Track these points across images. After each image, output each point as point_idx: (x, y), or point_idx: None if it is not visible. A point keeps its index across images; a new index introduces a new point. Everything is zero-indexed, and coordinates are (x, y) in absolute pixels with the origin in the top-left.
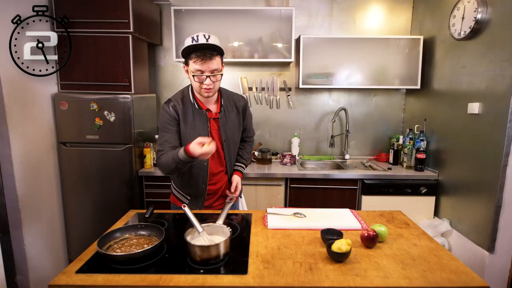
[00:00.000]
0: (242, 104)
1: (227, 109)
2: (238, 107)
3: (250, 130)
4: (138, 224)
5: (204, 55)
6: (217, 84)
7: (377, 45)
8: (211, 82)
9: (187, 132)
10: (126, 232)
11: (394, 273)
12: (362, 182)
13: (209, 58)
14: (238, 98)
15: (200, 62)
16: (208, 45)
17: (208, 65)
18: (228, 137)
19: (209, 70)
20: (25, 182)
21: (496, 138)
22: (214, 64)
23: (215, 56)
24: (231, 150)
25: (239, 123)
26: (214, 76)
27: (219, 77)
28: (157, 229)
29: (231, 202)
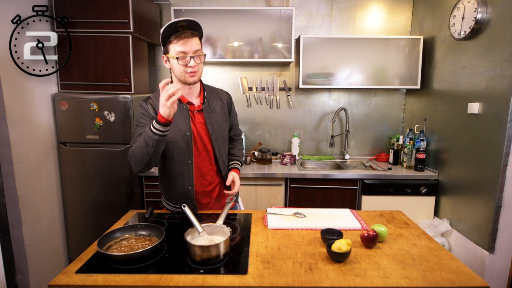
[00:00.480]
0: (226, 97)
1: (211, 101)
2: (222, 100)
3: (237, 127)
4: (138, 224)
5: (186, 34)
6: (201, 66)
7: (377, 45)
8: (196, 63)
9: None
10: (126, 232)
11: (394, 273)
12: (362, 182)
13: (190, 36)
14: (221, 92)
15: (182, 42)
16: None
17: (191, 44)
18: (215, 129)
19: (192, 51)
20: (25, 182)
21: (496, 138)
22: (196, 44)
23: (195, 35)
24: (220, 144)
25: (225, 116)
26: (198, 57)
27: (203, 58)
28: (157, 229)
29: (231, 202)
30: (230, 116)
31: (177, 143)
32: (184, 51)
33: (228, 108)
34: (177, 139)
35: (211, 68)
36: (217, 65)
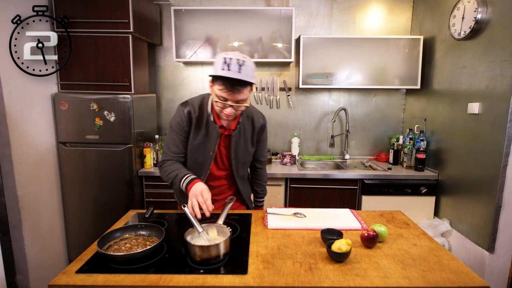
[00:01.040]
0: (260, 124)
1: (244, 128)
2: (255, 127)
3: (264, 153)
4: (138, 224)
5: (233, 88)
6: (239, 112)
7: (377, 45)
8: (234, 111)
9: (194, 143)
10: (126, 232)
11: (394, 273)
12: (362, 182)
13: (237, 90)
14: (257, 118)
15: (226, 92)
16: (241, 80)
17: (235, 96)
18: (238, 156)
19: (234, 100)
20: (25, 182)
21: (496, 138)
22: (241, 95)
23: (244, 87)
24: (239, 168)
25: (252, 143)
26: (238, 106)
27: (243, 108)
28: (157, 229)
29: (231, 202)
30: (258, 142)
31: (199, 159)
32: (226, 98)
33: (258, 137)
34: (199, 156)
35: (211, 68)
36: None
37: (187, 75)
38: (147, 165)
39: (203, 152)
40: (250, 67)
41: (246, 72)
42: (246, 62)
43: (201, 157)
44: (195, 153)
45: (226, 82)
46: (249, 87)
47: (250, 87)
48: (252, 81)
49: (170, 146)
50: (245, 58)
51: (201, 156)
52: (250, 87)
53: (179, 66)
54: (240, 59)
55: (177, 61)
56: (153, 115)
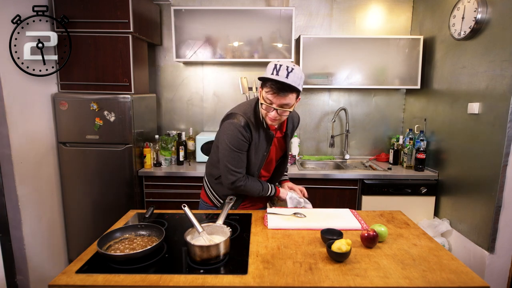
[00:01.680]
0: (297, 121)
1: (289, 129)
2: (294, 124)
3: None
4: (138, 224)
5: (278, 91)
6: (283, 117)
7: (377, 45)
8: (277, 115)
9: (253, 153)
10: (126, 232)
11: (394, 273)
12: (362, 182)
13: (283, 94)
14: (295, 115)
15: (272, 95)
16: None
17: (280, 99)
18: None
19: (278, 104)
20: (25, 182)
21: (496, 138)
22: (287, 100)
23: (289, 92)
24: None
25: (289, 139)
26: (282, 110)
27: (287, 113)
28: (157, 229)
29: (231, 202)
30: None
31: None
32: (272, 101)
33: (294, 129)
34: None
35: (211, 68)
36: (217, 65)
37: (187, 75)
38: (147, 165)
39: (259, 153)
40: (298, 75)
41: (293, 78)
42: (295, 70)
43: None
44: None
45: (274, 85)
46: (295, 93)
47: (297, 94)
48: (299, 88)
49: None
50: (295, 67)
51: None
52: (297, 94)
53: (179, 66)
54: (290, 67)
55: (177, 61)
56: (153, 115)
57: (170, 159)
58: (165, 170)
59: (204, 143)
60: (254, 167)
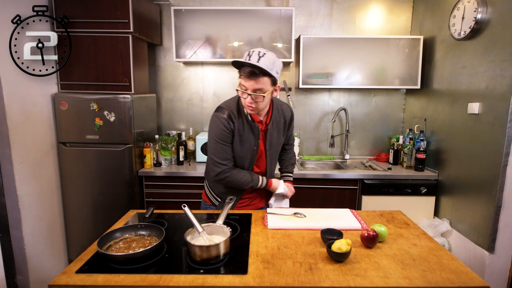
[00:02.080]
0: (289, 115)
1: (276, 121)
2: (285, 118)
3: (292, 137)
4: (138, 224)
5: (249, 74)
6: (260, 104)
7: (377, 45)
8: (252, 100)
9: (238, 145)
10: (126, 232)
11: (394, 273)
12: (362, 182)
13: (254, 76)
14: (286, 109)
15: (245, 79)
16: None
17: (253, 84)
18: (272, 146)
19: (251, 89)
20: (25, 182)
21: (496, 138)
22: (259, 84)
23: (261, 76)
24: (273, 158)
25: (284, 133)
26: (257, 96)
27: (261, 98)
28: (157, 229)
29: (231, 202)
30: (288, 130)
31: (243, 157)
32: (245, 86)
33: (288, 125)
34: (243, 154)
35: (211, 68)
36: (217, 65)
37: (187, 75)
38: (147, 165)
39: (247, 147)
40: (270, 59)
41: (265, 62)
42: (267, 54)
43: (245, 152)
44: (239, 152)
45: (246, 69)
46: (268, 78)
47: (271, 80)
48: (272, 73)
49: (221, 155)
50: (268, 52)
51: (245, 151)
52: (271, 80)
53: (179, 66)
54: (262, 52)
55: (177, 61)
56: (153, 115)
57: (170, 159)
58: (165, 170)
59: (204, 143)
60: (244, 161)
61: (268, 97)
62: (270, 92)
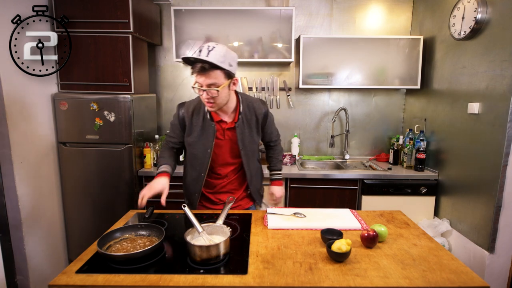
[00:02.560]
0: (262, 112)
1: (246, 118)
2: (257, 115)
3: (273, 133)
4: (138, 224)
5: (200, 70)
6: (217, 99)
7: (377, 45)
8: (208, 96)
9: (191, 140)
10: (126, 232)
11: (394, 273)
12: (362, 182)
13: (204, 71)
14: (258, 106)
15: (197, 75)
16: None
17: (204, 78)
18: (245, 145)
19: (205, 84)
20: (25, 182)
21: (496, 138)
22: (211, 78)
23: (212, 70)
24: (249, 158)
25: (257, 131)
26: (211, 91)
27: (215, 92)
28: (157, 229)
29: (231, 202)
30: (265, 127)
31: (198, 156)
32: (199, 82)
33: (262, 123)
34: (198, 153)
35: None
36: None
37: (187, 75)
38: (147, 165)
39: (201, 149)
40: (221, 52)
41: (215, 56)
42: (216, 48)
43: (200, 154)
44: (193, 150)
45: (196, 65)
46: (220, 71)
47: (222, 71)
48: (223, 66)
49: (170, 137)
50: (217, 45)
51: (200, 152)
52: (222, 71)
53: (179, 66)
54: (211, 45)
55: (177, 61)
56: (153, 115)
57: None
58: None
59: None
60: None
61: (224, 91)
62: (227, 86)
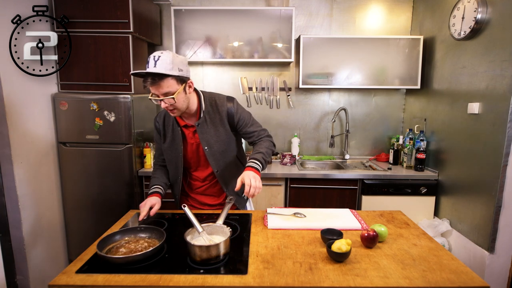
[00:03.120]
0: (225, 109)
1: (209, 116)
2: (221, 112)
3: (255, 132)
4: (138, 227)
5: (152, 82)
6: (176, 105)
7: (377, 45)
8: (167, 104)
9: (165, 147)
10: (125, 235)
11: (394, 273)
12: (362, 182)
13: (155, 83)
14: (221, 102)
15: (151, 87)
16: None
17: (158, 89)
18: (210, 144)
19: (160, 94)
20: (25, 182)
21: (496, 138)
22: (164, 88)
23: (162, 79)
24: (218, 158)
25: (224, 129)
26: (167, 99)
27: (172, 100)
28: (157, 231)
29: (231, 202)
30: (237, 126)
31: (172, 161)
32: (155, 93)
33: (230, 120)
34: (171, 158)
35: (211, 68)
36: (217, 65)
37: None
38: (147, 165)
39: (175, 153)
40: (166, 60)
41: (161, 65)
42: (162, 56)
43: (173, 159)
44: (167, 155)
45: (147, 78)
46: (170, 79)
47: (173, 78)
48: (171, 73)
49: (156, 152)
50: (163, 53)
51: (173, 158)
52: (173, 78)
53: None
54: (156, 55)
55: None
56: (153, 115)
57: None
58: None
59: None
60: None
61: (181, 97)
62: (182, 91)
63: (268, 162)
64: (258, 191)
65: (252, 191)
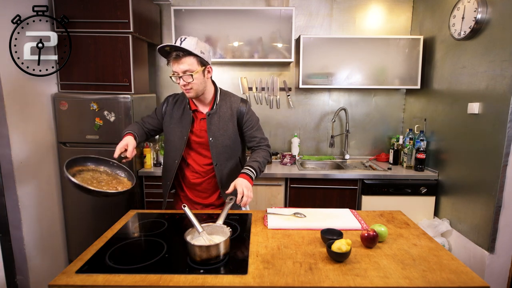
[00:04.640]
0: (237, 106)
1: (220, 109)
2: (232, 109)
3: (257, 136)
4: (111, 161)
5: (175, 57)
6: (193, 84)
7: (377, 45)
8: (185, 82)
9: (170, 126)
10: (100, 165)
11: (394, 273)
12: (362, 182)
13: (179, 59)
14: (235, 100)
15: (172, 63)
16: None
17: (179, 65)
18: (216, 136)
19: (181, 71)
20: (25, 182)
21: (496, 138)
22: (185, 65)
23: (185, 56)
24: (220, 152)
25: (232, 125)
26: (186, 76)
27: (190, 77)
28: (128, 173)
29: (231, 202)
30: (243, 125)
31: (174, 143)
32: (175, 70)
33: (239, 119)
34: (174, 139)
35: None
36: (217, 65)
37: None
38: (147, 165)
39: (178, 135)
40: (191, 42)
41: (186, 44)
42: (188, 38)
43: (177, 140)
44: (170, 136)
45: (171, 53)
46: (192, 57)
47: (195, 58)
48: (196, 52)
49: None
50: (189, 37)
51: (176, 139)
52: (195, 58)
53: None
54: (183, 37)
55: None
56: None
57: None
58: None
59: None
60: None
61: (199, 77)
62: (201, 72)
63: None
64: (250, 200)
65: (244, 200)
